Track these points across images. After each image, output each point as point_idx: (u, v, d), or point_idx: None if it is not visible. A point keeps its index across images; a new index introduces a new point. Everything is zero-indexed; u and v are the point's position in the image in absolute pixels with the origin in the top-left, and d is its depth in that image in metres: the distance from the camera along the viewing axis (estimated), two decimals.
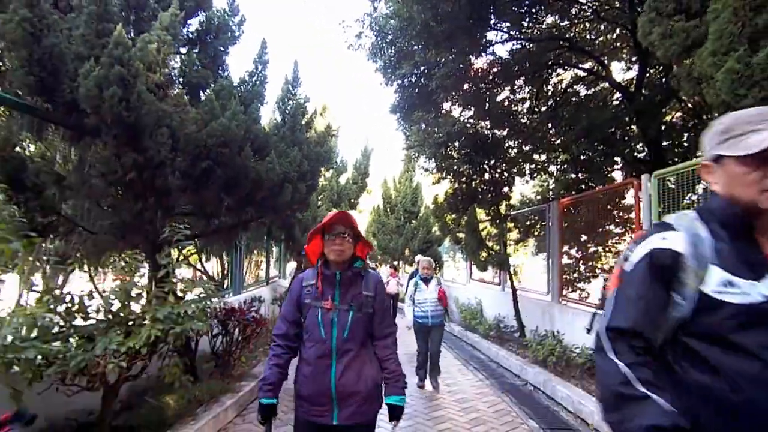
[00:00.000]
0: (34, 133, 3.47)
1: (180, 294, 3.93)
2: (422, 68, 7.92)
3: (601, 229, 7.95)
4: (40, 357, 2.35)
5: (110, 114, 3.13)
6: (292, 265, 17.00)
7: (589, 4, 8.49)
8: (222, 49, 5.16)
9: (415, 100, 8.47)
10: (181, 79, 4.37)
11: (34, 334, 2.53)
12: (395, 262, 16.25)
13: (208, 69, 4.71)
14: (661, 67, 8.11)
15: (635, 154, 9.57)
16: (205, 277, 8.20)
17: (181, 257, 6.74)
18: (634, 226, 6.11)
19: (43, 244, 4.02)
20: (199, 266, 8.43)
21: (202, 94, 4.94)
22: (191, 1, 4.56)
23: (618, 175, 10.29)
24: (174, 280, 3.75)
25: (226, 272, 9.03)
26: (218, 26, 5.09)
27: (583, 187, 9.93)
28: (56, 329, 3.05)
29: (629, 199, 6.83)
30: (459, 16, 5.27)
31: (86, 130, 3.43)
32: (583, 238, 8.32)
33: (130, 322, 3.24)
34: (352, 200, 13.96)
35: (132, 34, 3.99)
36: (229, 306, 5.32)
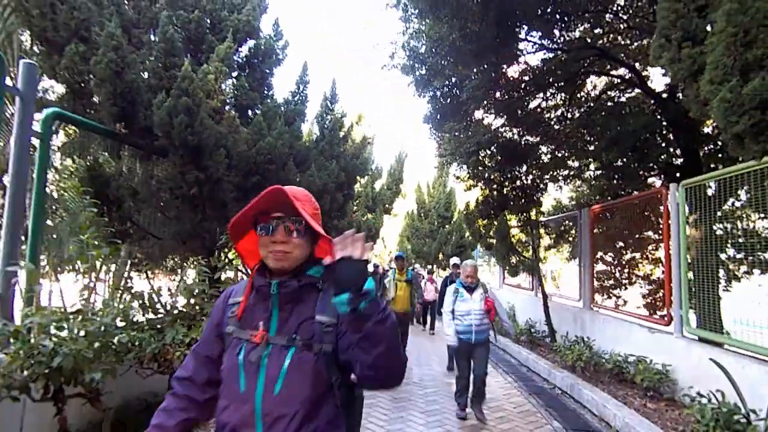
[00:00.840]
0: (115, 154, 4.08)
1: None
2: (453, 80, 8.23)
3: (633, 237, 7.96)
4: (124, 343, 2.86)
5: (178, 138, 3.67)
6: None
7: (620, 13, 8.51)
8: (268, 71, 5.71)
9: (447, 110, 8.77)
10: (233, 100, 4.92)
11: (122, 324, 3.07)
12: (430, 266, 16.44)
13: (256, 91, 5.25)
14: None
15: (673, 160, 9.44)
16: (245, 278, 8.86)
17: (227, 260, 7.41)
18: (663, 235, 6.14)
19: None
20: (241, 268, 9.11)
21: (250, 112, 5.49)
22: (242, 33, 5.11)
23: (658, 182, 10.15)
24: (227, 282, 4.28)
25: None
26: (265, 51, 5.63)
27: (622, 193, 9.87)
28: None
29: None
30: (486, 35, 5.57)
31: (155, 150, 4.01)
32: (615, 245, 8.34)
33: (192, 317, 3.75)
34: (387, 205, 14.37)
35: (191, 64, 4.57)
36: None
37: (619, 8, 8.80)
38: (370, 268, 10.82)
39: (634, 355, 5.67)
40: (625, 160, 9.70)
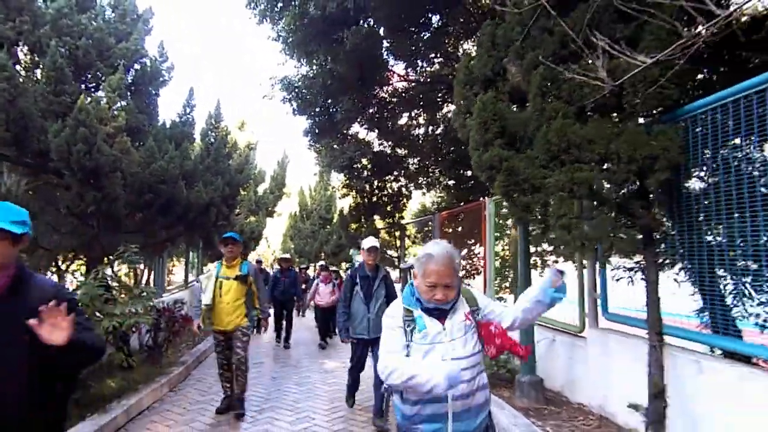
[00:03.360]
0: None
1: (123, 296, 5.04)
2: (329, 101, 9.42)
3: (469, 238, 10.08)
4: None
5: (77, 163, 4.17)
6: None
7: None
8: (154, 93, 6.23)
9: (324, 126, 9.92)
10: (124, 123, 5.38)
11: None
12: (323, 263, 12.09)
13: (144, 113, 5.77)
14: None
15: None
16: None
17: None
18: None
19: None
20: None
21: (139, 128, 5.95)
22: (129, 59, 5.60)
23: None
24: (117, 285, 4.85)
25: (139, 279, 9.75)
26: (151, 74, 6.14)
27: (470, 200, 12.09)
28: None
29: None
30: (350, 77, 6.84)
31: (49, 172, 4.41)
32: (457, 244, 10.41)
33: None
34: (270, 208, 15.01)
35: (86, 96, 4.99)
36: (160, 306, 6.36)
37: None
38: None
39: None
40: (470, 173, 12.00)
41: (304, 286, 11.25)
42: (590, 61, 3.31)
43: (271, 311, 9.12)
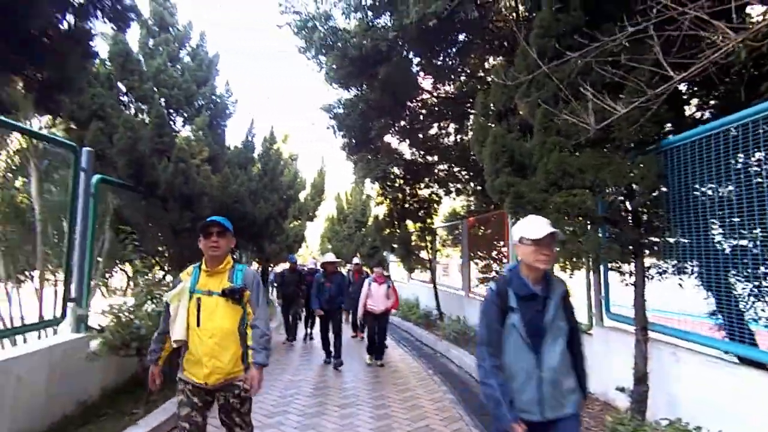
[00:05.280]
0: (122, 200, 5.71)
1: None
2: (364, 122, 10.54)
3: (495, 243, 10.94)
4: None
5: (178, 191, 5.45)
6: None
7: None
8: (223, 124, 7.53)
9: (359, 140, 11.04)
10: (207, 155, 6.69)
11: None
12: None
13: (218, 144, 7.05)
14: None
15: None
16: None
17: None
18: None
19: None
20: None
21: (215, 157, 7.24)
22: (207, 100, 6.90)
23: None
24: None
25: None
26: (221, 109, 7.44)
27: (497, 204, 12.88)
28: None
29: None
30: (384, 103, 7.92)
31: (156, 197, 5.72)
32: (484, 246, 11.28)
33: None
34: (310, 213, 16.33)
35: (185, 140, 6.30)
36: None
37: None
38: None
39: None
40: None
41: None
42: (580, 105, 4.17)
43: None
